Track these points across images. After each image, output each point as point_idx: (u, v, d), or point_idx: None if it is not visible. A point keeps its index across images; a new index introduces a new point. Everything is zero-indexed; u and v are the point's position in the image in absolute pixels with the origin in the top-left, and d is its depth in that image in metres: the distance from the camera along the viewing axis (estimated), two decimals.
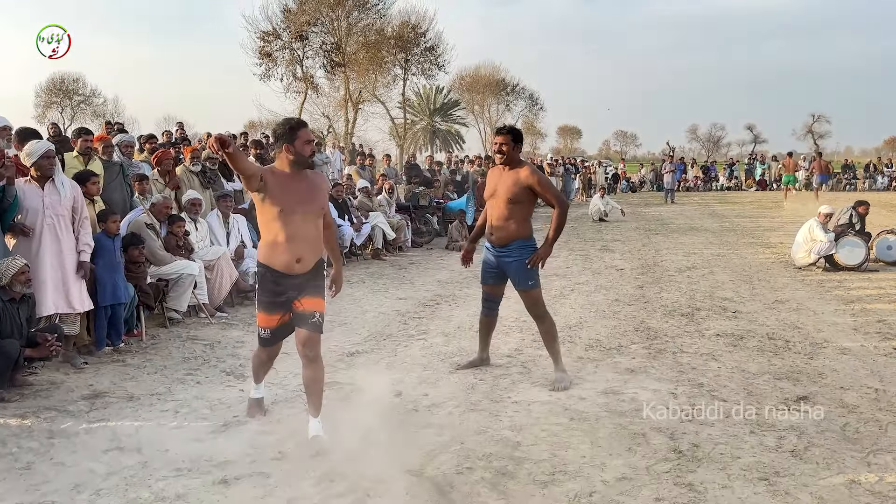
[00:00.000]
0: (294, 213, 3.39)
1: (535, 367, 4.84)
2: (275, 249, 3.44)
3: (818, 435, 3.61)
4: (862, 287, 7.76)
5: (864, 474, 3.14)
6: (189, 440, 3.57)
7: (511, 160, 4.43)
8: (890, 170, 31.70)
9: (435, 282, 8.41)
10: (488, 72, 54.18)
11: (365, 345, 5.51)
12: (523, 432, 3.67)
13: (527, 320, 5.89)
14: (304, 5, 30.06)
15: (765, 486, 3.03)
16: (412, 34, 35.73)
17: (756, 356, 5.09)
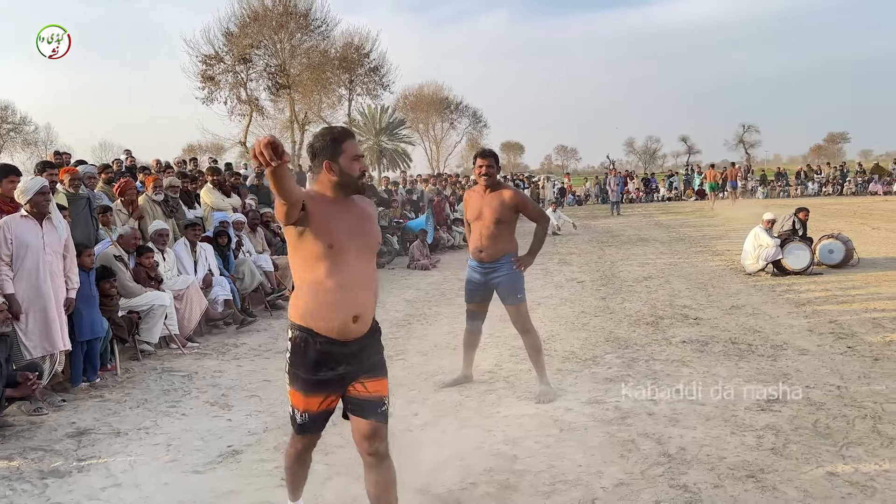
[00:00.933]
0: (347, 249, 2.53)
1: (517, 381, 4.97)
2: (321, 303, 2.51)
3: (793, 432, 3.83)
4: (810, 290, 8.18)
5: (840, 466, 3.36)
6: (188, 473, 3.56)
7: (494, 182, 4.59)
8: (819, 176, 33.24)
9: (403, 301, 8.48)
10: (432, 90, 54.84)
11: None
12: (518, 445, 3.78)
13: (501, 336, 6.07)
14: (246, 29, 29.94)
15: (753, 484, 3.22)
16: (356, 55, 36.00)
17: (723, 360, 5.34)
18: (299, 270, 2.59)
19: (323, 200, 2.57)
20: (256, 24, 29.76)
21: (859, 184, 31.03)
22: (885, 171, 31.97)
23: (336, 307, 2.51)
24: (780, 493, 3.10)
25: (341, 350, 2.57)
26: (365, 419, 2.65)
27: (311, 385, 2.60)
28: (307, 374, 2.59)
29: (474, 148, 61.86)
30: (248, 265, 7.85)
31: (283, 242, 9.45)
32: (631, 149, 75.36)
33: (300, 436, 2.78)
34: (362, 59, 36.35)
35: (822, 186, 32.02)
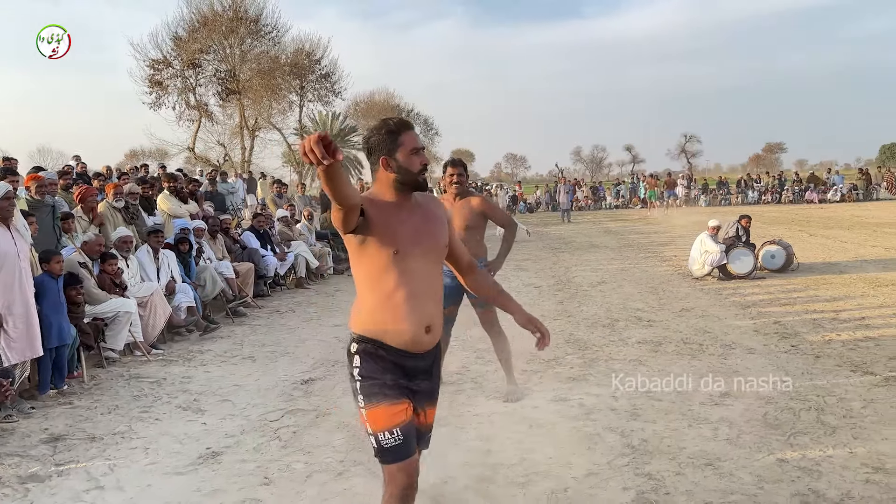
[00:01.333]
0: (412, 255, 2.34)
1: (485, 381, 5.15)
2: (391, 314, 2.32)
3: (745, 424, 4.11)
4: (754, 293, 8.61)
5: (789, 453, 3.64)
6: (169, 474, 3.62)
7: (463, 190, 4.77)
8: (759, 185, 34.59)
9: None
10: (383, 98, 54.77)
11: (315, 372, 5.63)
12: (491, 441, 3.96)
13: (466, 340, 6.25)
14: (195, 33, 29.55)
15: (711, 471, 3.47)
16: (307, 61, 35.86)
17: (677, 359, 5.63)
18: (364, 283, 2.36)
19: (383, 203, 2.34)
20: (206, 28, 29.40)
21: (796, 192, 32.41)
22: (821, 181, 33.48)
23: (407, 317, 2.31)
24: (737, 479, 3.36)
25: (416, 363, 2.39)
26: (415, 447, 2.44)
27: (397, 388, 2.33)
28: (389, 379, 2.32)
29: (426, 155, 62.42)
30: (210, 272, 7.85)
31: (242, 249, 9.46)
32: (578, 157, 76.81)
33: (399, 464, 2.32)
34: (313, 66, 36.23)
35: (762, 195, 33.34)
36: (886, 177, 33.77)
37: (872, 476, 3.29)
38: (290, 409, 4.67)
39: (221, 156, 32.59)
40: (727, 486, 3.29)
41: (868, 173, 33.92)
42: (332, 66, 37.69)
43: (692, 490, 3.26)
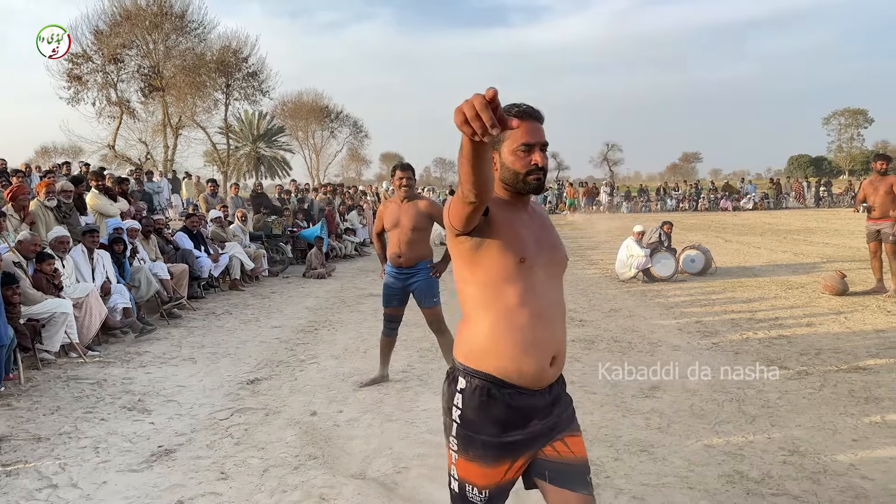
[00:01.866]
0: (538, 264, 1.94)
1: (430, 379, 5.32)
2: (510, 340, 1.90)
3: (674, 414, 4.44)
4: (676, 295, 9.12)
5: (715, 440, 3.97)
6: (124, 471, 3.63)
7: (410, 193, 4.94)
8: (677, 193, 36.13)
9: (304, 309, 8.60)
10: (311, 98, 54.30)
11: (260, 372, 5.67)
12: (440, 433, 4.12)
13: (409, 339, 6.41)
14: (117, 27, 28.56)
15: (646, 456, 3.75)
16: (234, 59, 35.23)
17: (608, 356, 5.96)
18: (478, 299, 1.93)
19: (502, 201, 1.96)
20: (128, 23, 28.45)
21: (711, 200, 34.05)
22: (734, 190, 35.29)
23: (531, 346, 1.89)
24: (669, 463, 3.65)
25: (534, 402, 1.96)
26: (574, 492, 1.96)
27: (497, 450, 1.93)
28: (491, 436, 1.93)
29: (355, 157, 62.19)
30: (144, 273, 7.72)
31: (175, 250, 9.31)
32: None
33: None
34: (240, 64, 35.63)
35: (680, 202, 34.87)
36: (795, 186, 35.89)
37: (789, 458, 3.65)
38: (239, 408, 4.72)
39: (143, 154, 31.60)
40: (661, 470, 3.57)
41: (778, 183, 35.96)
42: (259, 65, 37.15)
43: (629, 474, 3.53)
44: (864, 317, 7.23)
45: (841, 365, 5.41)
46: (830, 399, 4.60)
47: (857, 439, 3.87)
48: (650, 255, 10.30)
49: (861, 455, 3.64)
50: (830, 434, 3.97)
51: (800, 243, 15.48)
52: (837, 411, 4.36)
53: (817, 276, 9.79)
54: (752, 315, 7.54)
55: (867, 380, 5.00)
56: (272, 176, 47.71)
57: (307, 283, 10.99)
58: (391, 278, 5.08)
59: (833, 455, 3.66)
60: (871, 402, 4.50)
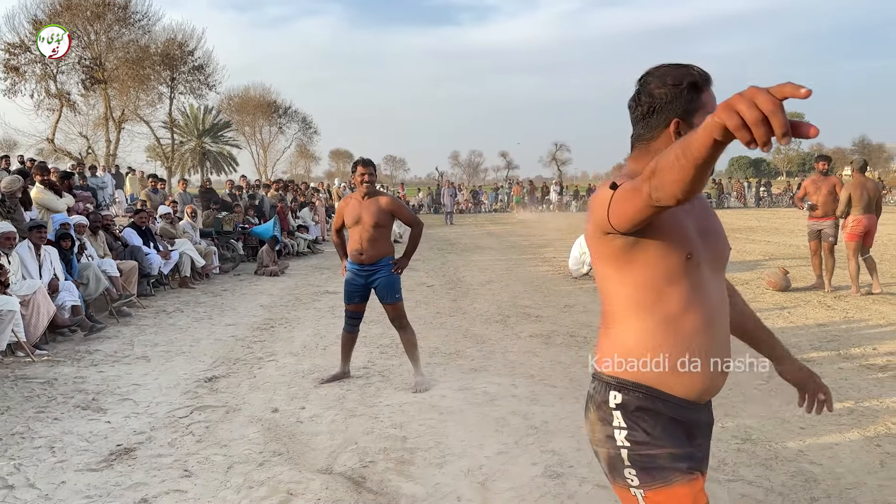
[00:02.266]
0: (704, 260, 1.66)
1: (391, 374, 5.34)
2: (677, 348, 1.62)
3: None
4: None
5: None
6: (82, 471, 3.54)
7: (370, 190, 4.94)
8: None
9: (259, 307, 8.50)
10: (258, 93, 53.45)
11: (217, 370, 5.59)
12: (405, 428, 4.16)
13: (368, 336, 6.42)
14: (56, 17, 27.54)
15: None
16: (179, 52, 34.51)
17: (566, 350, 6.08)
18: (630, 299, 1.64)
19: None
20: (69, 13, 27.51)
21: None
22: None
23: (700, 353, 1.63)
24: None
25: (700, 417, 1.72)
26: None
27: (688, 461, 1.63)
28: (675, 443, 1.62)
29: (304, 154, 61.48)
30: (93, 270, 7.51)
31: (124, 247, 9.08)
32: (456, 161, 78.63)
33: None
34: (186, 57, 34.91)
35: None
36: (736, 187, 37.07)
37: (742, 446, 3.80)
38: (198, 406, 4.64)
39: (84, 148, 30.61)
40: None
41: (720, 183, 37.09)
42: (205, 58, 36.53)
43: (592, 462, 3.61)
44: (806, 311, 7.55)
45: None
46: (778, 390, 4.80)
47: (804, 427, 4.06)
48: None
49: (809, 442, 3.82)
50: (780, 423, 4.15)
51: (743, 241, 16.01)
52: (785, 401, 4.55)
53: (761, 273, 10.17)
54: None
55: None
56: (218, 172, 46.84)
57: (260, 280, 10.84)
58: (352, 275, 5.06)
59: (783, 442, 3.83)
60: None
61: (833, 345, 6.03)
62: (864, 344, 6.02)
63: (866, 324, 6.86)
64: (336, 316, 7.73)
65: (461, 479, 3.44)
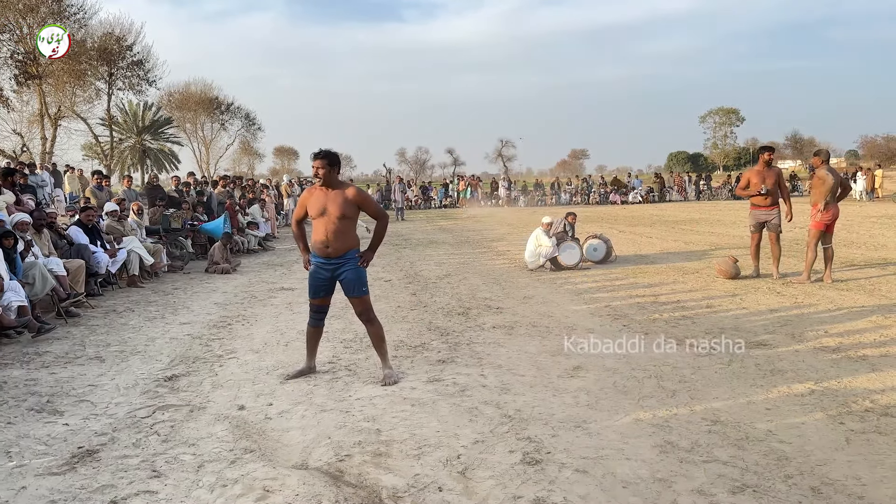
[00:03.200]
0: None
1: (358, 369, 5.27)
2: None
3: (599, 392, 4.61)
4: (583, 282, 9.46)
5: (642, 414, 4.16)
6: (44, 475, 3.38)
7: (332, 182, 4.83)
8: (570, 187, 37.40)
9: (213, 304, 8.28)
10: (200, 89, 52.25)
11: (176, 369, 5.41)
12: (378, 421, 4.11)
13: (331, 331, 6.32)
14: None
15: (581, 431, 3.88)
16: (117, 47, 33.48)
17: (529, 340, 6.11)
18: None
19: None
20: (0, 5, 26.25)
21: (602, 194, 35.49)
22: (622, 184, 36.95)
23: None
24: (604, 437, 3.79)
25: None
26: None
27: None
28: None
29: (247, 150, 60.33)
30: (39, 269, 7.18)
31: (69, 245, 8.73)
32: (403, 158, 78.35)
33: None
34: (124, 52, 33.88)
35: (572, 196, 36.13)
36: (677, 180, 37.99)
37: (712, 427, 3.88)
38: (161, 406, 4.49)
39: (18, 146, 29.35)
40: (598, 443, 3.71)
41: (662, 177, 37.95)
42: (145, 54, 35.56)
43: (569, 448, 3.65)
44: (757, 298, 7.78)
45: (743, 341, 5.81)
46: (740, 373, 4.93)
47: (770, 408, 4.17)
48: (556, 244, 10.62)
49: (776, 422, 3.93)
50: (746, 405, 4.25)
51: (688, 233, 16.44)
52: (748, 384, 4.68)
53: (709, 262, 10.44)
54: (655, 299, 7.94)
55: (769, 354, 5.40)
56: (159, 169, 45.54)
57: (211, 278, 10.57)
58: (318, 268, 4.95)
59: (752, 423, 3.92)
60: (776, 374, 4.86)
61: (786, 328, 6.22)
62: (815, 327, 6.24)
63: (815, 308, 7.12)
64: (294, 312, 7.60)
65: (440, 469, 3.42)
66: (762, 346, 5.63)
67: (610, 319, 6.94)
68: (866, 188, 30.76)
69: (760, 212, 9.26)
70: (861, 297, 7.67)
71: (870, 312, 6.81)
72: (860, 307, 7.08)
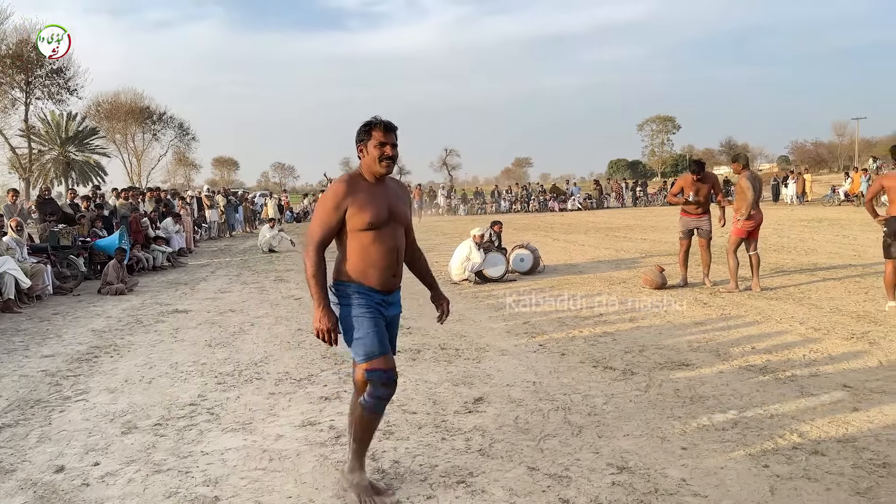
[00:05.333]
0: None
1: (223, 411, 4.49)
2: None
3: (497, 431, 3.97)
4: (506, 295, 8.87)
5: (539, 460, 3.52)
6: None
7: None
8: (510, 195, 37.16)
9: (89, 332, 7.34)
10: (130, 98, 50.42)
11: (6, 417, 4.54)
12: (220, 485, 3.35)
13: (207, 363, 5.54)
14: None
15: (463, 489, 3.22)
16: (34, 53, 31.81)
17: (434, 366, 5.45)
18: None
19: None
20: None
21: (541, 202, 35.34)
22: (561, 191, 36.88)
23: None
24: (489, 495, 3.14)
25: None
26: None
27: None
28: None
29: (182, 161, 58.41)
30: None
31: None
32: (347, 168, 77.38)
33: None
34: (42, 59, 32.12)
35: (512, 204, 35.87)
36: (615, 187, 38.16)
37: (618, 477, 3.26)
38: None
39: None
40: None
41: (600, 184, 38.07)
42: (66, 61, 33.82)
43: None
44: (682, 309, 7.31)
45: (665, 362, 5.27)
46: (657, 401, 4.36)
47: (686, 447, 3.59)
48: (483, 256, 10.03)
49: (691, 466, 3.34)
50: (659, 443, 3.67)
51: (620, 240, 16.12)
52: (665, 415, 4.11)
53: (638, 271, 10.00)
54: (577, 313, 7.40)
55: (690, 377, 4.86)
56: (85, 182, 43.47)
57: (102, 300, 9.57)
58: (377, 308, 3.17)
59: (663, 469, 3.33)
60: (696, 402, 4.30)
61: (711, 345, 5.73)
62: (742, 343, 5.76)
63: (743, 320, 6.67)
64: (177, 339, 6.76)
65: None
66: (684, 367, 5.10)
67: (527, 338, 6.35)
68: (797, 192, 31.38)
69: (690, 218, 8.87)
70: (790, 306, 7.28)
71: (799, 324, 6.40)
72: (789, 318, 6.67)
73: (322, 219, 3.08)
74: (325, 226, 3.08)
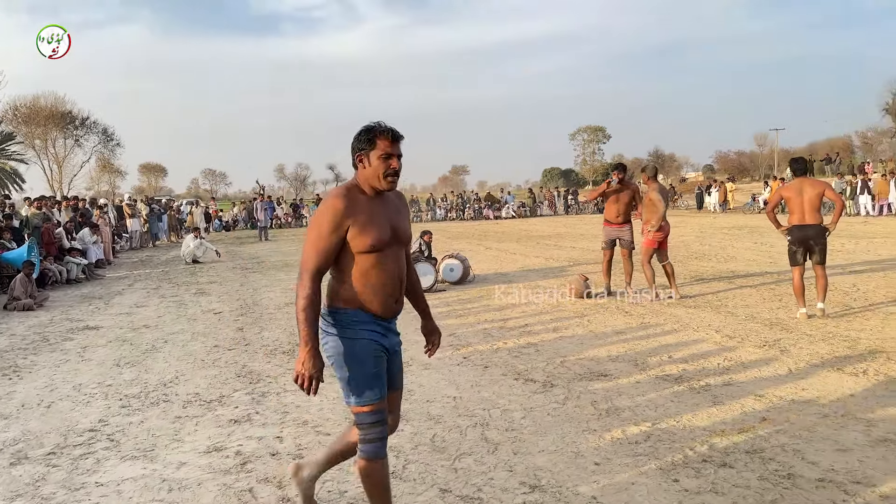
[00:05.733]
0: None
1: (124, 436, 4.25)
2: None
3: (413, 451, 3.88)
4: (435, 306, 8.68)
5: (452, 481, 3.45)
6: None
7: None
8: (445, 203, 37.24)
9: None
10: (50, 103, 48.39)
11: None
12: None
13: (114, 384, 5.28)
14: None
15: None
16: None
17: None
18: None
19: None
20: None
21: (476, 210, 35.54)
22: (496, 199, 37.18)
23: None
24: None
25: None
26: None
27: None
28: None
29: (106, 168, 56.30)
30: None
31: None
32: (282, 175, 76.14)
33: None
34: None
35: (448, 212, 35.96)
36: (547, 196, 38.72)
37: (529, 497, 3.21)
38: None
39: None
40: None
41: (534, 193, 38.58)
42: None
43: None
44: (605, 318, 7.40)
45: (584, 372, 5.29)
46: (574, 414, 4.36)
47: (599, 462, 3.58)
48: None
49: (603, 483, 3.33)
50: (573, 458, 3.64)
51: (551, 248, 16.32)
52: (581, 428, 4.10)
53: (565, 280, 10.10)
54: (503, 324, 7.39)
55: (608, 387, 4.88)
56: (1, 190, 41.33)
57: (8, 316, 9.02)
58: (378, 337, 2.76)
59: (575, 486, 3.30)
60: (612, 415, 4.31)
61: (630, 354, 5.79)
62: (660, 352, 5.84)
63: (661, 329, 6.78)
64: (84, 359, 6.41)
65: None
66: (602, 378, 5.12)
67: (451, 350, 6.28)
68: (719, 200, 32.52)
69: (612, 228, 9.01)
70: (707, 314, 7.46)
71: (715, 332, 6.55)
72: (706, 326, 6.83)
73: (318, 243, 2.61)
74: (322, 251, 2.61)
